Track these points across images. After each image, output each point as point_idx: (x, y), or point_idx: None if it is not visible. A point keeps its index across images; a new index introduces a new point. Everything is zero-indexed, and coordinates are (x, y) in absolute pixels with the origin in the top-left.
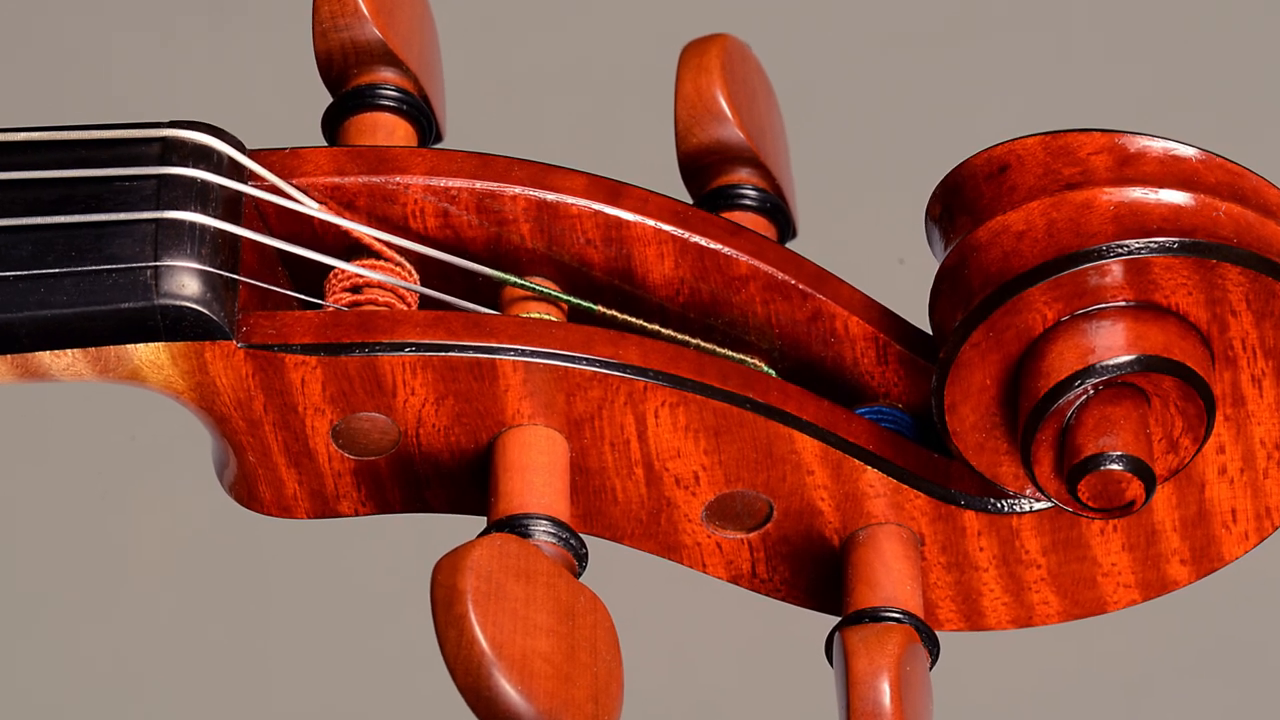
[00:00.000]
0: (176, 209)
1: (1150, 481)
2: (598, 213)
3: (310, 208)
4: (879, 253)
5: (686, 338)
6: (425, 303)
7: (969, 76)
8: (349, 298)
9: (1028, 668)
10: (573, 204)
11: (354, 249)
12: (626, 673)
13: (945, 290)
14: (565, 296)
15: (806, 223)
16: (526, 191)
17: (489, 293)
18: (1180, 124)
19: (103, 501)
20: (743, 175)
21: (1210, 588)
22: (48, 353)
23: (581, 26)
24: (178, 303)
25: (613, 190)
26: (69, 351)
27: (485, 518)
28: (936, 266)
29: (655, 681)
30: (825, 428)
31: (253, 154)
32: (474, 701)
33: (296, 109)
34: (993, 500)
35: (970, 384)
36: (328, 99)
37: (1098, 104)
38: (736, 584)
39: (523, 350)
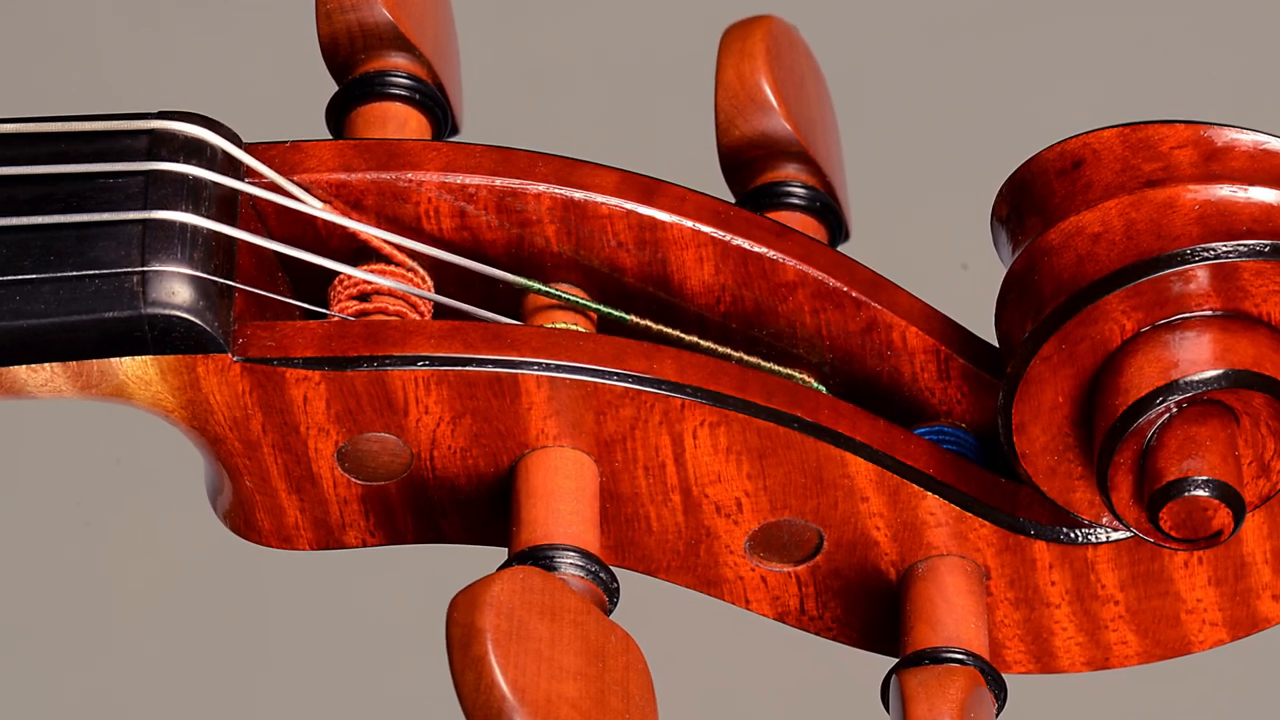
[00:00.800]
0: (166, 208)
1: (1239, 509)
2: (630, 212)
3: (313, 207)
4: (940, 257)
5: (728, 350)
6: (440, 312)
7: (1039, 62)
8: (356, 306)
9: (1104, 714)
10: (603, 203)
11: (361, 252)
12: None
13: (1013, 298)
14: (594, 305)
15: (860, 224)
16: (551, 189)
17: (510, 301)
18: (1273, 115)
19: (86, 530)
20: (790, 171)
21: None
22: (24, 367)
23: (612, 7)
24: (167, 312)
25: (647, 188)
26: (48, 365)
27: (506, 549)
28: (1003, 272)
29: None
30: (881, 449)
31: (250, 148)
32: None
33: (298, 98)
34: (1065, 530)
35: (1041, 402)
36: (333, 87)
37: (1181, 93)
38: (783, 621)
39: (547, 364)
